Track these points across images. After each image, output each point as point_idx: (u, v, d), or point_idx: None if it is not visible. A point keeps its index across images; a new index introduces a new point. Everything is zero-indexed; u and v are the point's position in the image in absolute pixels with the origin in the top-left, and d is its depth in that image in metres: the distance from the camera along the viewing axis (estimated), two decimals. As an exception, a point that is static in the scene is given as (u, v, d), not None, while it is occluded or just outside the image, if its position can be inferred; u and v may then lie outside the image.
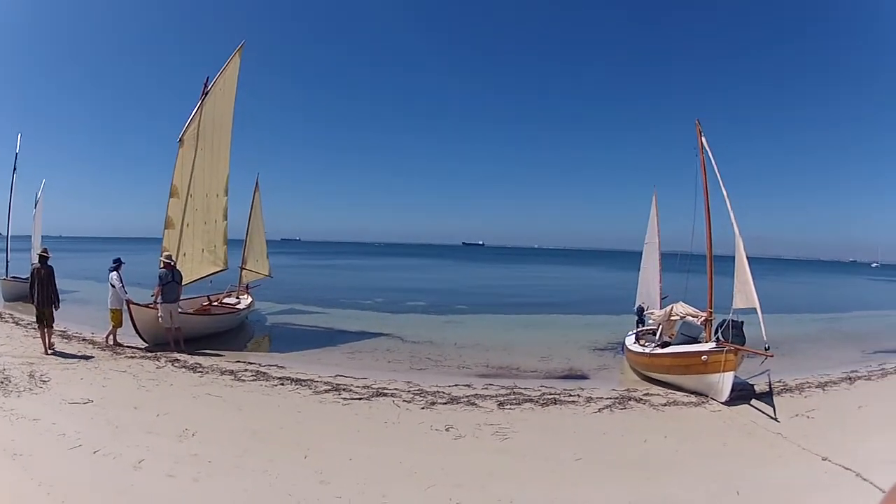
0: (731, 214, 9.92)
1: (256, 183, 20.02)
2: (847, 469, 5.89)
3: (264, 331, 16.75)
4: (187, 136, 13.98)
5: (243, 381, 9.18)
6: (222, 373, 9.59)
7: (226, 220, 16.24)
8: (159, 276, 12.03)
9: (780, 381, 10.46)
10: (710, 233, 10.75)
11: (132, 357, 10.56)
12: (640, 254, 16.40)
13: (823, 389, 10.20)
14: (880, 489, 5.30)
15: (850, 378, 11.20)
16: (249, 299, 17.53)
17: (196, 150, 14.16)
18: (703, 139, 10.79)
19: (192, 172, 14.01)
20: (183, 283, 12.84)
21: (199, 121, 14.31)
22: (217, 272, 15.97)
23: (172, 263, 12.38)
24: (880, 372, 12.07)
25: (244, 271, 18.75)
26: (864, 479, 5.57)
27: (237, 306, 16.38)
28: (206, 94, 14.60)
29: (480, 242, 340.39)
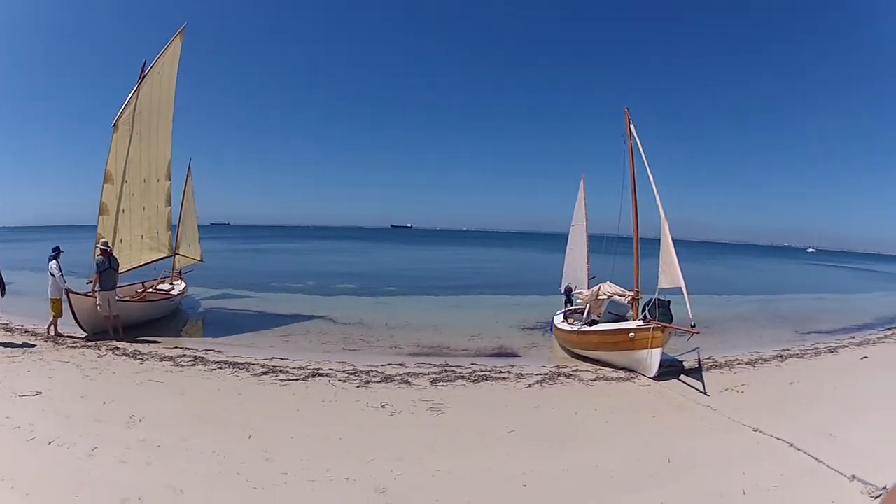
0: (657, 198, 9.91)
1: (188, 168, 19.24)
2: (780, 440, 5.83)
3: (198, 316, 16.28)
4: (122, 120, 13.26)
5: (182, 366, 9.06)
6: (162, 359, 9.39)
7: (169, 205, 15.66)
8: (97, 264, 11.48)
9: (709, 359, 10.44)
10: (637, 215, 10.72)
11: (74, 347, 10.12)
12: (567, 236, 16.09)
13: (754, 366, 10.09)
14: (816, 458, 5.25)
15: (781, 356, 11.11)
16: (183, 285, 16.97)
17: (132, 136, 13.44)
18: (632, 126, 10.82)
19: (127, 158, 13.31)
20: (122, 270, 12.31)
21: (136, 105, 13.59)
22: (162, 258, 15.42)
23: (109, 250, 11.83)
24: (813, 351, 11.87)
25: (177, 256, 18.05)
26: (798, 450, 5.51)
27: (171, 292, 15.83)
28: (143, 78, 13.86)
29: (409, 225, 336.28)
